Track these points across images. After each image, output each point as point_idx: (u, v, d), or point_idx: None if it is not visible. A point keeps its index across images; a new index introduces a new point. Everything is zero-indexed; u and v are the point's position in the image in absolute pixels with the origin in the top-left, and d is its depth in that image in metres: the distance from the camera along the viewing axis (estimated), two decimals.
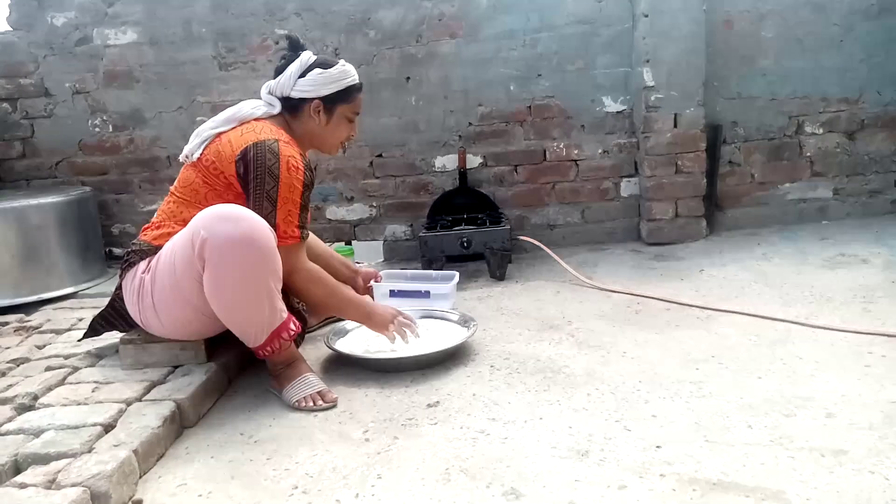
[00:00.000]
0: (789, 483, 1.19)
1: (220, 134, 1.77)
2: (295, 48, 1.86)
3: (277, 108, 1.85)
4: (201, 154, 1.75)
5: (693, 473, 1.24)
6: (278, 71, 1.85)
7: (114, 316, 1.83)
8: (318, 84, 1.81)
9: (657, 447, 1.34)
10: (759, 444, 1.33)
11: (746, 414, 1.45)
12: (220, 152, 1.73)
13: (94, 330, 1.88)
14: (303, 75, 1.82)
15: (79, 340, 1.90)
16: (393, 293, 2.25)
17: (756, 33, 3.08)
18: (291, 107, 1.85)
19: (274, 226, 1.66)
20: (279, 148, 1.69)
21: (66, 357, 1.90)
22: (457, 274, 2.37)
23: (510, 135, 3.16)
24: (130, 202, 3.27)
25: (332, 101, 1.84)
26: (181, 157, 1.82)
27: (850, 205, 3.22)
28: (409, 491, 1.25)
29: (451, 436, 1.45)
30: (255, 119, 1.80)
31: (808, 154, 3.18)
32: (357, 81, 1.88)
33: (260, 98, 1.88)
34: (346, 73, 1.85)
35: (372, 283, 2.24)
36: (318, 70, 1.82)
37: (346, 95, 1.85)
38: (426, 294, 2.22)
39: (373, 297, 2.19)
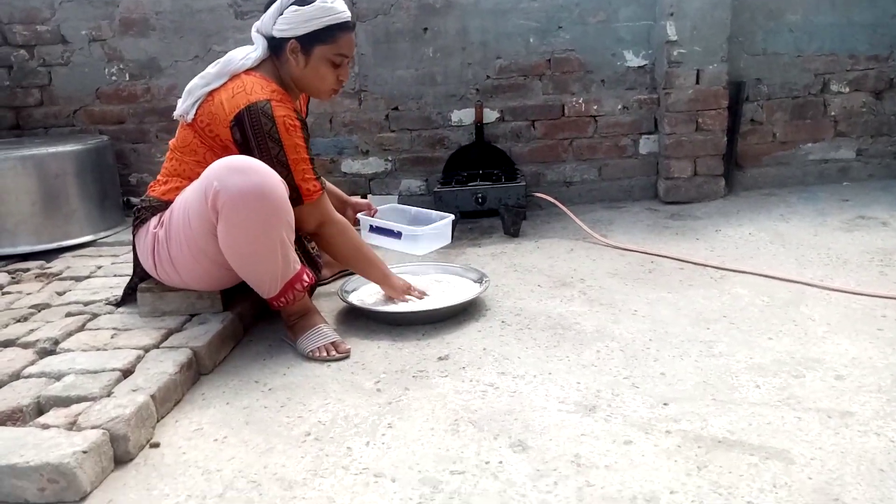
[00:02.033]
0: (794, 443, 1.20)
1: (212, 92, 1.70)
2: None
3: (261, 50, 1.75)
4: (195, 115, 1.71)
5: (699, 431, 1.26)
6: (266, 7, 1.76)
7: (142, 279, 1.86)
8: (293, 22, 1.68)
9: (664, 404, 1.36)
10: (767, 403, 1.34)
11: (755, 374, 1.46)
12: (213, 114, 1.68)
13: (128, 296, 1.91)
14: (282, 13, 1.71)
15: (116, 306, 1.92)
16: (372, 228, 2.20)
17: None
18: (275, 47, 1.75)
19: (295, 188, 1.67)
20: (272, 109, 1.64)
21: (86, 304, 1.95)
22: (449, 218, 2.26)
23: (528, 89, 3.12)
24: (147, 151, 3.28)
25: (309, 42, 1.70)
26: (175, 115, 1.77)
27: (874, 166, 3.16)
28: (419, 440, 1.28)
29: (460, 388, 1.48)
30: (246, 72, 1.72)
31: (833, 113, 3.11)
32: (341, 20, 1.71)
33: (249, 47, 1.78)
34: (324, 10, 1.68)
35: (359, 215, 2.19)
36: (293, 7, 1.68)
37: (324, 35, 1.70)
38: (398, 235, 2.14)
39: (358, 229, 2.14)
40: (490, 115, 3.13)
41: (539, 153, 3.17)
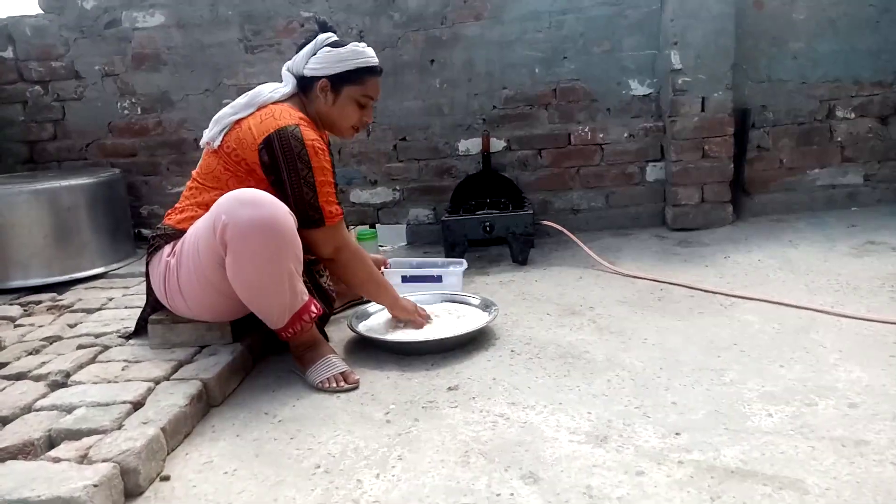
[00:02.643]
0: (809, 472, 1.19)
1: (239, 120, 1.77)
2: (323, 30, 1.86)
3: (290, 86, 1.85)
4: (222, 141, 1.77)
5: (711, 461, 1.24)
6: (298, 49, 1.87)
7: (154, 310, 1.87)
8: (326, 62, 1.80)
9: (676, 434, 1.35)
10: (780, 432, 1.33)
11: (767, 402, 1.45)
12: (241, 139, 1.73)
13: (141, 329, 1.92)
14: (315, 54, 1.82)
15: (127, 338, 1.93)
16: (405, 279, 2.28)
17: (787, 15, 3.01)
18: (304, 86, 1.86)
19: (318, 209, 1.73)
20: (301, 133, 1.70)
21: (97, 336, 1.96)
22: (464, 262, 2.38)
23: (534, 118, 3.15)
24: (158, 184, 3.32)
25: (339, 81, 1.81)
26: (202, 143, 1.84)
27: (882, 191, 3.16)
28: (429, 472, 1.28)
29: (470, 419, 1.47)
30: (274, 103, 1.80)
31: (839, 139, 3.12)
32: (370, 65, 1.84)
33: (277, 83, 1.88)
34: (356, 53, 1.81)
35: (382, 269, 2.26)
36: (327, 48, 1.81)
37: (354, 76, 1.82)
38: (438, 279, 2.25)
39: None
40: (497, 145, 3.16)
41: (546, 181, 3.19)
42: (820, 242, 2.64)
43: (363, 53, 1.83)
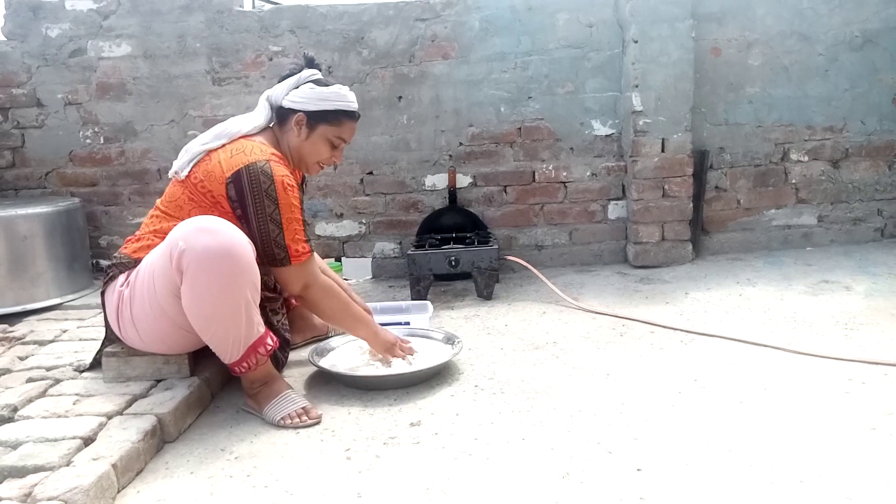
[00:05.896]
0: None
1: (210, 152, 1.76)
2: (309, 66, 1.89)
3: (264, 119, 1.86)
4: (190, 172, 1.75)
5: (672, 497, 1.25)
6: (280, 80, 1.89)
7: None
8: (307, 98, 1.82)
9: (638, 470, 1.35)
10: (739, 468, 1.34)
11: (727, 438, 1.46)
12: (209, 172, 1.72)
13: (97, 362, 1.86)
14: (298, 88, 1.84)
15: (81, 371, 1.87)
16: None
17: (743, 61, 3.13)
18: (281, 117, 1.86)
19: (284, 247, 1.70)
20: (272, 169, 1.69)
21: (49, 369, 1.89)
22: (429, 305, 2.38)
23: (500, 155, 3.19)
24: (119, 214, 3.26)
25: (316, 118, 1.83)
26: (170, 174, 1.82)
27: (834, 232, 3.26)
28: None
29: (433, 455, 1.45)
30: (244, 136, 1.80)
31: (794, 181, 3.22)
32: (350, 109, 1.86)
33: (250, 113, 1.88)
34: (339, 95, 1.84)
35: None
36: (310, 85, 1.84)
37: (331, 116, 1.84)
38: (407, 324, 2.26)
39: None
40: (463, 181, 3.19)
41: (511, 217, 3.22)
42: (777, 281, 2.71)
43: (345, 97, 1.85)
